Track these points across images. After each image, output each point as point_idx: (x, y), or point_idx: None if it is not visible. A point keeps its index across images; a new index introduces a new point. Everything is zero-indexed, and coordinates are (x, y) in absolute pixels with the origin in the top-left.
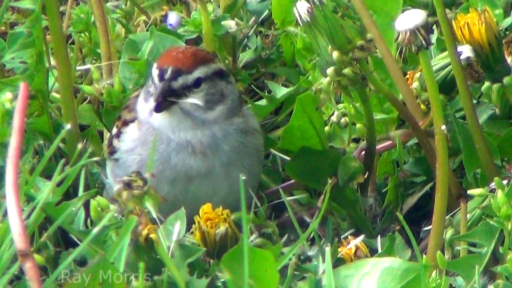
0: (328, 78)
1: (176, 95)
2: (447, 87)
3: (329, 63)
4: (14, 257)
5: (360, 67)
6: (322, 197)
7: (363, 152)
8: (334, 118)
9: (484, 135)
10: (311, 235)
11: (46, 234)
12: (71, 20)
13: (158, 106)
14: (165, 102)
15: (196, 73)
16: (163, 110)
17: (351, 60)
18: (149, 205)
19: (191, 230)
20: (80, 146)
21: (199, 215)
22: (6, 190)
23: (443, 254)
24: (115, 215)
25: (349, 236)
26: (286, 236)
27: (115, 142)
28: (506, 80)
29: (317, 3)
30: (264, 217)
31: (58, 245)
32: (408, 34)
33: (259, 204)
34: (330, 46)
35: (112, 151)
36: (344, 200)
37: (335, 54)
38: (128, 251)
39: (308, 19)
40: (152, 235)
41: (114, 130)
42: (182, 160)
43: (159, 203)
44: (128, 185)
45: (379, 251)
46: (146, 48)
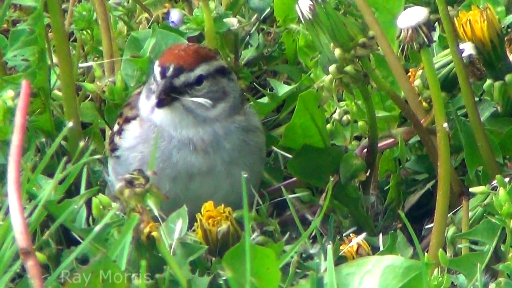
0: (330, 76)
1: (178, 92)
2: (449, 84)
3: (331, 61)
4: (16, 255)
5: (362, 64)
6: (324, 195)
7: (365, 150)
8: (336, 116)
9: (486, 133)
10: (313, 233)
11: (48, 232)
12: (73, 18)
13: (160, 102)
14: (167, 98)
15: (198, 70)
16: (165, 106)
17: (353, 57)
18: (151, 203)
19: (193, 228)
20: (82, 144)
21: (201, 213)
22: (8, 188)
23: (445, 252)
24: (117, 213)
25: (351, 234)
26: (288, 234)
27: (116, 139)
28: (508, 77)
29: (319, 0)
30: (266, 215)
31: (60, 243)
32: (410, 31)
33: (261, 202)
34: (332, 44)
35: (114, 148)
36: (346, 198)
37: (337, 52)
38: (130, 249)
39: (310, 17)
40: (154, 233)
41: (116, 127)
42: (183, 157)
43: (161, 201)
44: (130, 183)
45: (381, 249)
46: (148, 45)
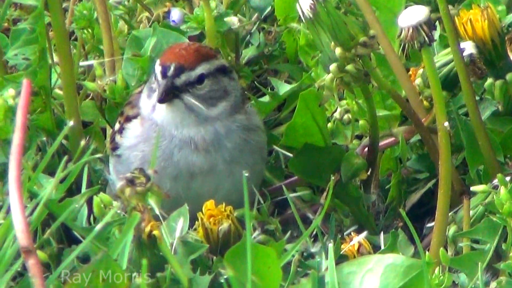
0: (331, 75)
1: (179, 91)
2: (450, 83)
3: (332, 60)
4: (17, 253)
5: (363, 63)
6: (325, 193)
7: (366, 149)
8: (337, 115)
9: (487, 132)
10: (314, 232)
11: (49, 230)
12: (73, 17)
13: (161, 100)
14: (168, 97)
15: (199, 69)
16: (167, 102)
17: (354, 56)
18: (152, 201)
19: (194, 227)
20: (83, 142)
21: (202, 212)
22: (9, 187)
23: (446, 250)
24: (118, 211)
25: (352, 233)
26: (289, 232)
27: (117, 138)
28: (509, 76)
29: None
30: (267, 213)
31: (61, 241)
32: (411, 30)
33: (262, 200)
34: (333, 43)
35: (115, 147)
36: (347, 197)
37: (338, 51)
38: (131, 247)
39: (311, 16)
40: (155, 232)
41: (117, 126)
42: (184, 156)
43: (162, 200)
44: (131, 181)
45: (382, 247)
46: (149, 44)
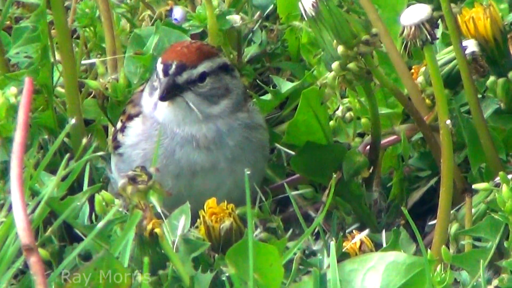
0: (333, 73)
1: (181, 89)
2: (452, 81)
3: (334, 58)
4: (18, 251)
5: (365, 61)
6: (327, 191)
7: (368, 147)
8: (339, 113)
9: (489, 130)
10: (316, 230)
11: (50, 228)
12: (76, 15)
13: (163, 98)
14: (170, 95)
15: (201, 67)
16: (168, 100)
17: (356, 54)
18: (153, 199)
19: (195, 225)
20: (85, 140)
21: (203, 210)
22: (11, 185)
23: (448, 248)
24: (120, 209)
25: (354, 231)
26: (291, 230)
27: (119, 136)
28: (511, 74)
29: None
30: (269, 211)
31: (62, 239)
32: (413, 28)
33: (263, 198)
34: (335, 41)
35: (117, 145)
36: (349, 195)
37: (340, 49)
38: (133, 245)
39: (313, 14)
40: (157, 230)
41: (119, 125)
42: (186, 154)
43: (164, 198)
44: (132, 179)
45: (384, 245)
46: (151, 42)
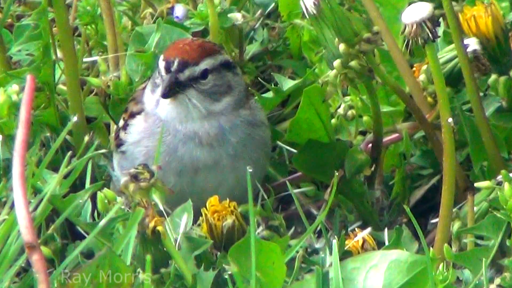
0: (334, 71)
1: (183, 86)
2: (454, 79)
3: (335, 56)
4: (21, 249)
5: (366, 59)
6: (329, 189)
7: (370, 145)
8: (340, 111)
9: (491, 128)
10: (318, 228)
11: (53, 226)
12: (77, 13)
13: (165, 95)
14: (172, 92)
15: (203, 64)
16: (170, 97)
17: (358, 52)
18: (156, 197)
19: (198, 223)
20: (87, 138)
21: (206, 207)
22: (13, 183)
23: (450, 246)
24: (122, 207)
25: (356, 229)
26: (293, 228)
27: (122, 134)
28: None
29: None
30: (271, 209)
31: (65, 237)
32: (414, 26)
33: (266, 196)
34: (336, 39)
35: (119, 143)
36: (351, 193)
37: (342, 47)
38: (135, 243)
39: (315, 12)
40: (159, 228)
41: (121, 123)
42: (188, 151)
43: (166, 195)
44: (135, 177)
45: (386, 243)
46: (153, 40)
